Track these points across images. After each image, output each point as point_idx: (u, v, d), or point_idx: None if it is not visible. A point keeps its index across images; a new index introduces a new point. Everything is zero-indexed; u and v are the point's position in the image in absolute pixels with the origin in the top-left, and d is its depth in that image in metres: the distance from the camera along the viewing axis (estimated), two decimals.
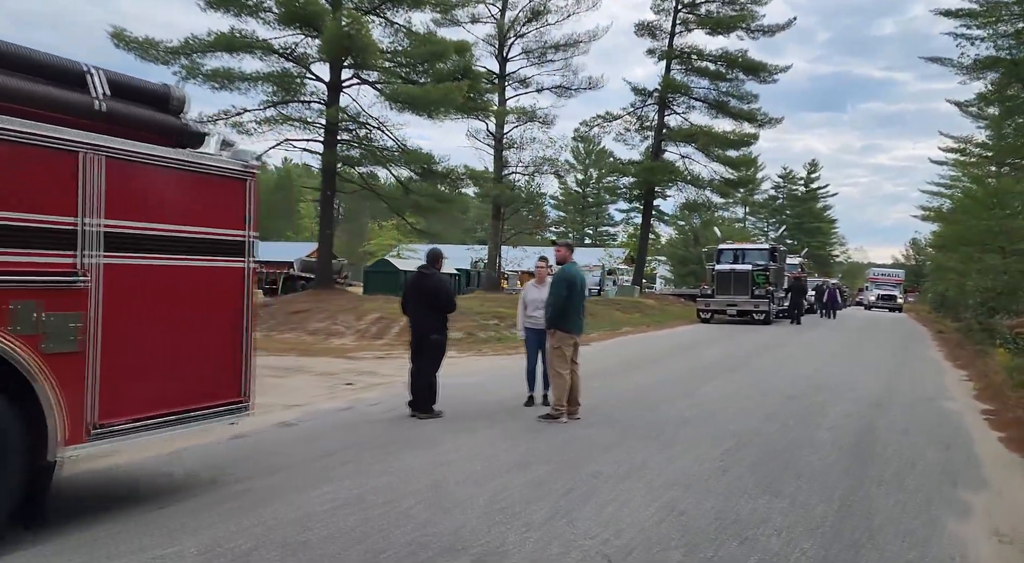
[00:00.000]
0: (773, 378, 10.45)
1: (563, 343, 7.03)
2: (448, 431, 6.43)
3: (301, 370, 10.68)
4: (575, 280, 7.00)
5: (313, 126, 21.85)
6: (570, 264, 7.21)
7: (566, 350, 7.03)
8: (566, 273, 7.04)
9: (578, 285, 7.03)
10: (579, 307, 7.08)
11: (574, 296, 6.98)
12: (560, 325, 6.99)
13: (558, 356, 7.01)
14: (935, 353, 16.02)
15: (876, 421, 7.52)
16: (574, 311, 7.01)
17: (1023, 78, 22.59)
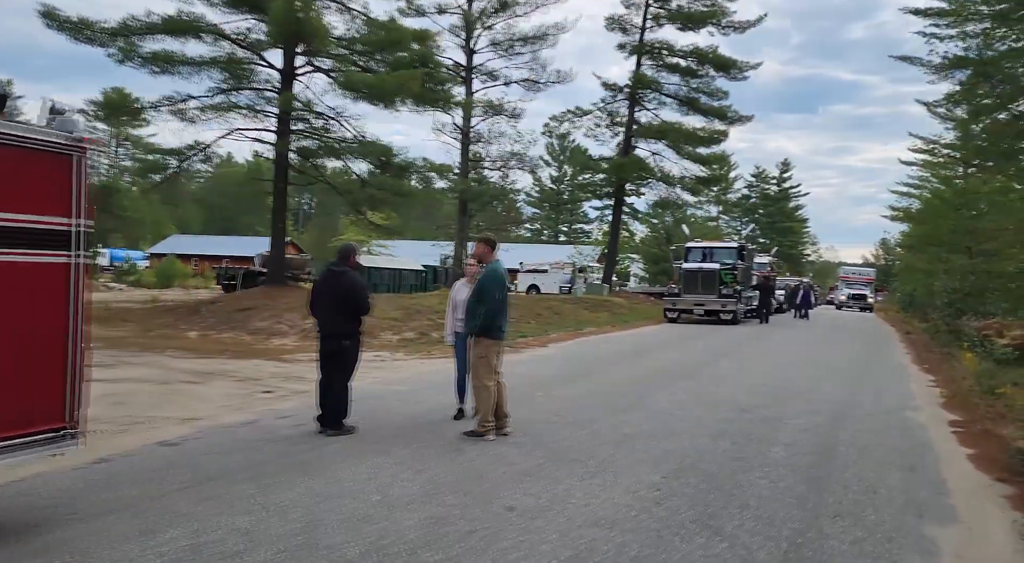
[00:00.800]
0: (731, 386, 9.81)
1: (490, 352, 6.26)
2: (355, 452, 5.63)
3: (223, 375, 9.79)
4: (505, 281, 6.24)
5: (264, 115, 20.82)
6: (496, 261, 6.44)
7: (492, 359, 6.27)
8: (494, 273, 6.27)
9: (504, 285, 6.30)
10: (505, 310, 6.34)
11: (503, 300, 6.21)
12: (488, 332, 6.22)
13: (484, 367, 6.24)
14: (902, 356, 15.58)
15: (836, 436, 6.88)
16: (501, 316, 6.24)
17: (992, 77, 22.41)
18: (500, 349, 6.39)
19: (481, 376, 6.23)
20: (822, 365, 12.93)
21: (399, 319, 16.93)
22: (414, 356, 12.73)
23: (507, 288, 6.33)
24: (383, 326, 16.04)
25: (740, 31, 32.69)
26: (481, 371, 6.24)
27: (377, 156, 20.73)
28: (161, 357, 11.60)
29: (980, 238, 26.68)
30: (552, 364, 11.76)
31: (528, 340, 15.69)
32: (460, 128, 32.53)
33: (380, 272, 33.14)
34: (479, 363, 6.27)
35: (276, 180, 21.67)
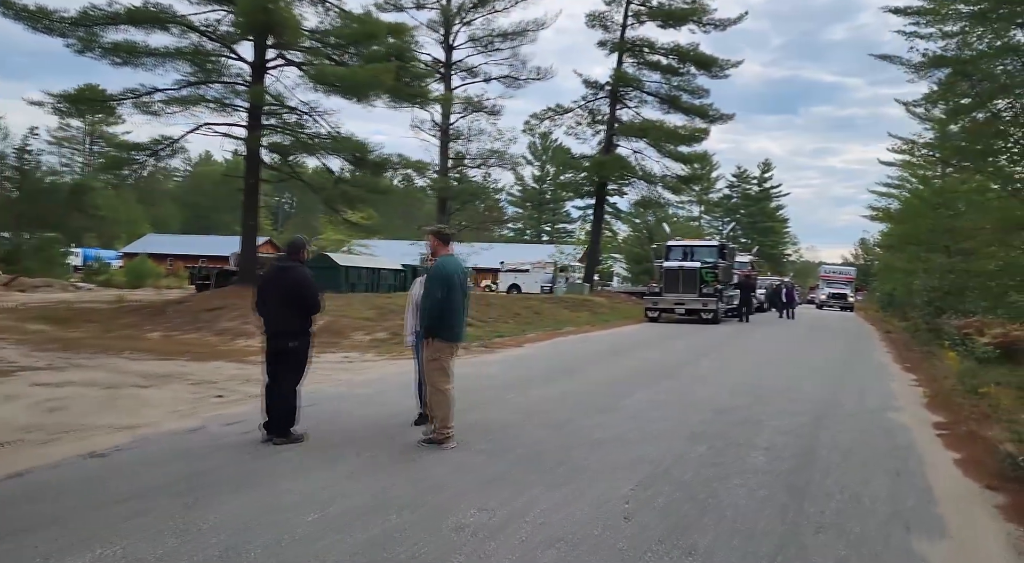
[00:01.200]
0: (710, 386, 9.48)
1: (442, 353, 5.86)
2: (300, 462, 5.20)
3: (178, 377, 9.28)
4: (452, 276, 5.82)
5: (234, 109, 20.23)
6: (447, 256, 6.03)
7: (446, 362, 5.86)
8: (440, 269, 5.86)
9: (456, 282, 5.84)
10: (459, 309, 5.90)
11: (453, 296, 5.80)
12: (438, 332, 5.81)
13: (437, 369, 5.84)
14: (883, 355, 15.38)
15: (817, 439, 6.55)
16: (452, 314, 5.83)
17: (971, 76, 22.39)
18: (454, 351, 5.96)
19: (435, 380, 5.82)
20: (802, 364, 12.66)
21: (372, 319, 16.46)
22: (384, 357, 12.27)
23: (460, 285, 5.88)
24: (355, 326, 15.58)
25: (721, 29, 32.55)
26: (435, 374, 5.83)
27: (351, 152, 20.22)
28: (117, 359, 11.05)
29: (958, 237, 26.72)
30: (527, 364, 11.38)
31: (504, 340, 15.29)
32: (439, 125, 32.10)
33: (358, 271, 32.50)
34: (431, 366, 5.87)
35: (247, 176, 21.10)
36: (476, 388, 8.71)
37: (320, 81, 18.32)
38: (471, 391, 8.40)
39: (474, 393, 8.30)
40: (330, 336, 14.61)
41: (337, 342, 13.95)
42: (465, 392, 8.32)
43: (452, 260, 5.98)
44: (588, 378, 9.85)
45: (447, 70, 32.36)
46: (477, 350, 13.50)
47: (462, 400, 7.68)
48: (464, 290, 5.94)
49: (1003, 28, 21.52)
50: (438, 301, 5.70)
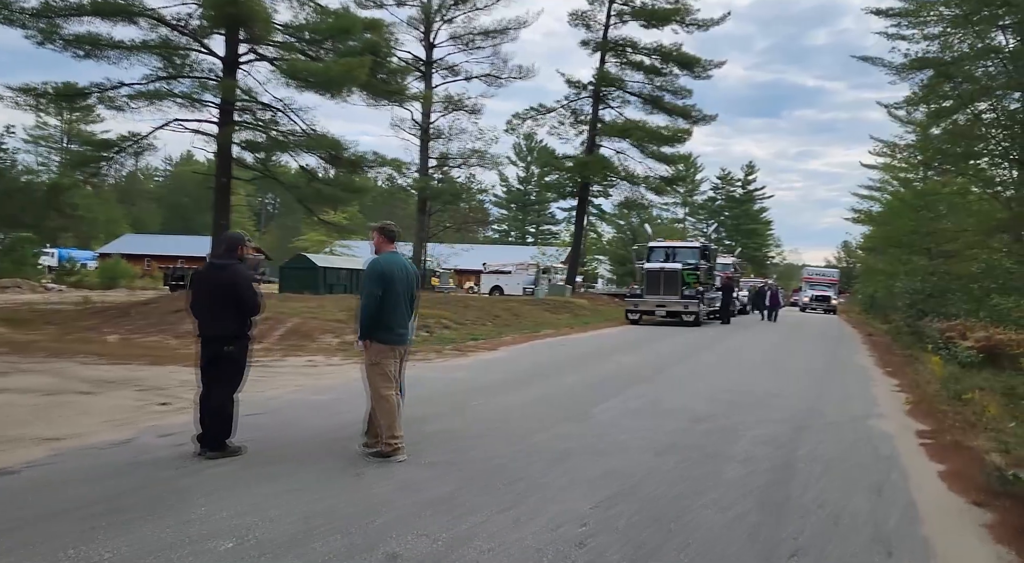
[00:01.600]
0: (687, 392, 9.10)
1: (382, 357, 5.41)
2: (231, 480, 4.73)
3: (127, 383, 8.76)
4: (391, 274, 5.37)
5: (203, 105, 19.64)
6: (390, 253, 5.58)
7: (387, 366, 5.41)
8: (377, 265, 5.42)
9: (398, 281, 5.38)
10: (401, 310, 5.43)
11: (392, 295, 5.34)
12: (375, 334, 5.37)
13: (378, 375, 5.39)
14: (865, 358, 15.11)
15: (796, 450, 6.18)
16: (392, 315, 5.38)
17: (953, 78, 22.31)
18: (397, 355, 5.51)
19: (376, 385, 5.38)
20: (783, 368, 12.34)
21: (343, 321, 15.93)
22: (350, 361, 11.76)
23: (403, 284, 5.40)
24: (325, 328, 15.08)
25: (704, 29, 32.39)
26: (375, 379, 5.39)
27: (326, 150, 19.70)
28: (67, 363, 10.49)
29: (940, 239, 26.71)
30: (499, 369, 10.95)
31: (479, 343, 14.86)
32: (419, 124, 31.65)
33: (336, 272, 31.95)
34: (371, 371, 5.43)
35: (219, 174, 20.52)
36: (441, 394, 8.29)
37: (292, 76, 17.80)
38: (435, 397, 7.98)
39: (438, 400, 7.87)
40: (298, 339, 14.13)
41: (304, 345, 13.47)
42: (429, 399, 7.92)
43: (394, 257, 5.53)
44: (560, 384, 9.43)
45: (428, 68, 31.92)
46: (449, 353, 13.07)
47: (424, 408, 7.28)
48: (409, 290, 5.49)
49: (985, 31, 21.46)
50: (376, 299, 5.26)
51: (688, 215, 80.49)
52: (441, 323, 18.68)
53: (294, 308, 16.72)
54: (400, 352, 5.52)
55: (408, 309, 5.49)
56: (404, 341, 5.52)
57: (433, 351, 13.28)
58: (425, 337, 16.09)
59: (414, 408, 7.18)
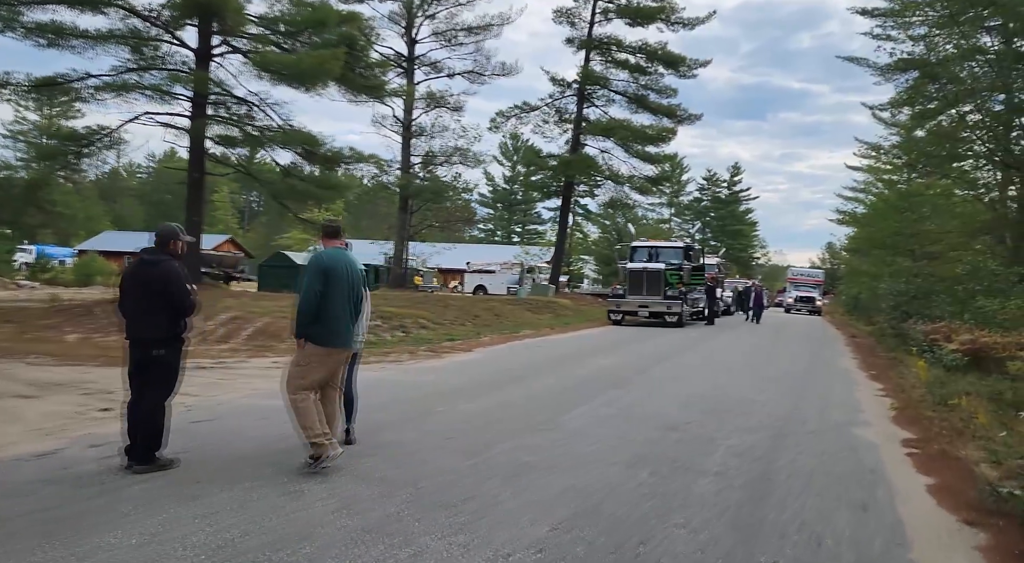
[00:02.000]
0: (663, 397, 8.72)
1: (312, 360, 4.95)
2: (154, 498, 4.27)
3: (72, 386, 8.24)
4: (333, 270, 4.92)
5: (176, 98, 19.06)
6: (333, 249, 5.13)
7: (314, 371, 4.94)
8: (318, 260, 5.00)
9: (340, 278, 4.94)
10: (343, 310, 4.99)
11: (333, 293, 4.90)
12: (311, 334, 4.92)
13: (296, 378, 4.94)
14: (848, 361, 14.83)
15: (775, 461, 5.80)
16: (332, 314, 4.93)
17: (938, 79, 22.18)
18: (335, 360, 5.05)
19: (292, 387, 4.93)
20: (765, 371, 12.00)
21: None
22: None
23: (346, 282, 4.97)
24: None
25: (689, 28, 32.13)
26: (292, 382, 4.94)
27: (301, 145, 19.19)
28: (14, 365, 9.93)
29: (923, 241, 26.60)
30: (471, 371, 10.52)
31: (455, 344, 14.43)
32: (401, 121, 31.14)
33: None
34: (293, 372, 4.98)
35: (191, 169, 19.99)
36: (406, 399, 7.85)
37: (264, 68, 17.28)
38: (399, 403, 7.55)
39: (401, 405, 7.44)
40: (266, 339, 13.63)
41: (272, 346, 12.97)
42: (392, 404, 7.48)
43: (338, 253, 5.09)
44: (531, 388, 9.02)
45: (410, 65, 31.44)
46: (423, 355, 12.63)
47: (384, 415, 6.85)
48: (353, 289, 5.05)
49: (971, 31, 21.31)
50: (315, 295, 4.83)
51: (674, 215, 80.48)
52: (419, 323, 18.22)
53: (265, 307, 16.20)
54: (340, 356, 5.06)
55: (353, 310, 5.05)
56: (346, 344, 5.07)
57: (407, 352, 12.84)
58: (401, 337, 15.63)
59: (374, 415, 6.76)
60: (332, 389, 5.09)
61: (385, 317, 17.53)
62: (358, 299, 5.09)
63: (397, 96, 26.33)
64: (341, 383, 5.23)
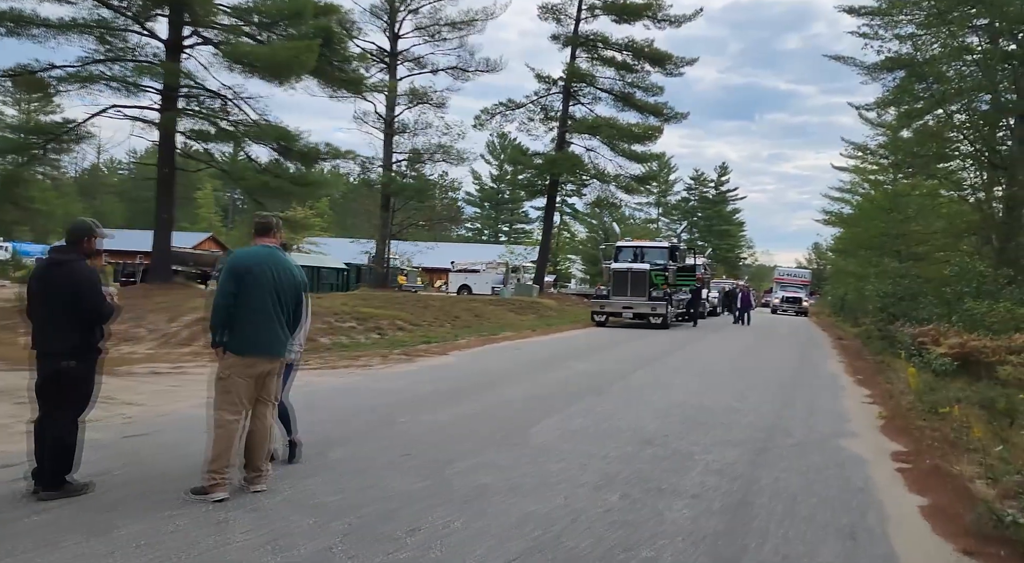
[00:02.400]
0: (640, 406, 8.27)
1: (232, 372, 4.43)
2: (54, 531, 3.75)
3: (10, 394, 7.65)
4: (254, 270, 4.40)
5: (145, 90, 18.42)
6: (260, 247, 4.62)
7: (236, 384, 4.41)
8: (236, 259, 4.51)
9: (261, 279, 4.40)
10: (265, 315, 4.43)
11: (253, 296, 4.38)
12: (228, 342, 4.42)
13: (221, 392, 4.43)
14: (835, 364, 14.48)
15: (756, 481, 5.36)
16: (250, 320, 4.40)
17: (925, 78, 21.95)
18: (259, 370, 4.47)
19: (218, 405, 4.43)
20: (748, 377, 11.60)
21: None
22: None
23: (270, 283, 4.43)
24: None
25: (676, 25, 31.80)
26: (219, 398, 4.44)
27: (275, 140, 18.59)
28: None
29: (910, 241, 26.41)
30: (442, 377, 10.03)
31: (430, 347, 13.93)
32: (383, 117, 30.58)
33: None
34: (217, 387, 4.48)
35: (160, 164, 19.34)
36: (367, 409, 7.36)
37: (235, 59, 16.69)
38: (358, 414, 7.06)
39: (360, 416, 6.95)
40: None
41: None
42: (350, 415, 6.98)
43: (265, 252, 4.57)
44: (503, 396, 8.54)
45: (392, 60, 30.89)
46: (395, 358, 12.12)
47: (339, 428, 6.35)
48: (283, 293, 4.51)
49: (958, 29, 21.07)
50: (228, 297, 4.33)
51: (662, 215, 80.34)
52: (396, 324, 17.71)
53: None
54: (265, 367, 4.50)
55: (280, 315, 4.50)
56: (270, 352, 4.50)
57: (379, 356, 12.34)
58: (376, 340, 15.12)
59: (327, 428, 6.28)
60: (263, 404, 4.58)
61: (361, 318, 17.01)
62: (293, 304, 4.59)
63: (378, 91, 25.78)
64: (276, 397, 4.71)
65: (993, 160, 21.06)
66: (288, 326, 4.56)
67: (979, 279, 15.11)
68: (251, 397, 4.46)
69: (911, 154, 25.34)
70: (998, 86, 20.57)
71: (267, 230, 4.63)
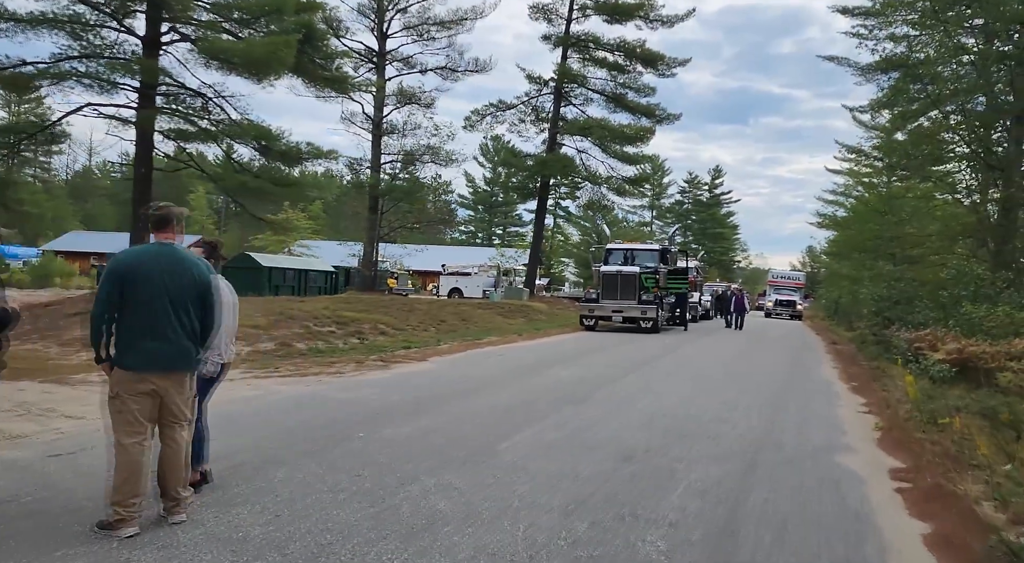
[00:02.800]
0: (623, 416, 7.76)
1: (123, 389, 3.85)
2: None
3: None
4: (140, 271, 3.84)
5: (120, 88, 17.87)
6: (152, 244, 4.06)
7: (127, 402, 3.84)
8: (117, 259, 3.94)
9: (151, 280, 3.82)
10: (158, 322, 3.85)
11: (140, 301, 3.80)
12: (115, 355, 3.87)
13: (115, 412, 3.87)
14: (829, 370, 14.01)
15: (743, 502, 4.86)
16: (138, 329, 3.83)
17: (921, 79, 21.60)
18: (153, 386, 3.87)
19: (113, 427, 3.89)
20: (739, 383, 11.11)
21: (262, 327, 14.36)
22: (251, 375, 10.24)
23: (158, 284, 3.84)
24: (238, 335, 13.41)
25: (668, 25, 31.43)
26: (113, 420, 3.90)
27: (254, 139, 18.06)
28: None
29: (904, 244, 26.05)
30: (416, 385, 9.51)
31: (409, 352, 13.42)
32: (371, 118, 30.09)
33: (283, 272, 30.18)
34: (109, 406, 3.92)
35: (138, 164, 18.79)
36: (324, 423, 6.83)
37: (212, 55, 16.15)
38: (313, 428, 6.53)
39: (313, 431, 6.42)
40: None
41: None
42: (302, 430, 6.42)
43: (151, 250, 3.99)
44: (476, 406, 8.03)
45: (380, 60, 30.40)
46: (371, 364, 11.60)
47: (286, 445, 5.79)
48: (181, 294, 3.92)
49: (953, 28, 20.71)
50: (105, 305, 3.81)
51: (656, 218, 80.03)
52: (378, 328, 17.20)
53: None
54: (161, 383, 3.90)
55: (178, 322, 3.91)
56: (164, 366, 3.89)
57: (354, 362, 11.81)
58: (354, 345, 14.60)
59: (273, 444, 5.77)
60: (170, 426, 4.03)
61: (341, 323, 16.49)
62: (197, 308, 4.00)
63: (365, 90, 25.26)
64: (188, 417, 4.15)
65: (989, 161, 20.68)
66: (194, 334, 4.02)
67: (977, 282, 14.68)
68: (151, 417, 3.92)
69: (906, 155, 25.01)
70: (994, 87, 20.22)
71: (164, 223, 4.03)
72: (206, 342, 4.13)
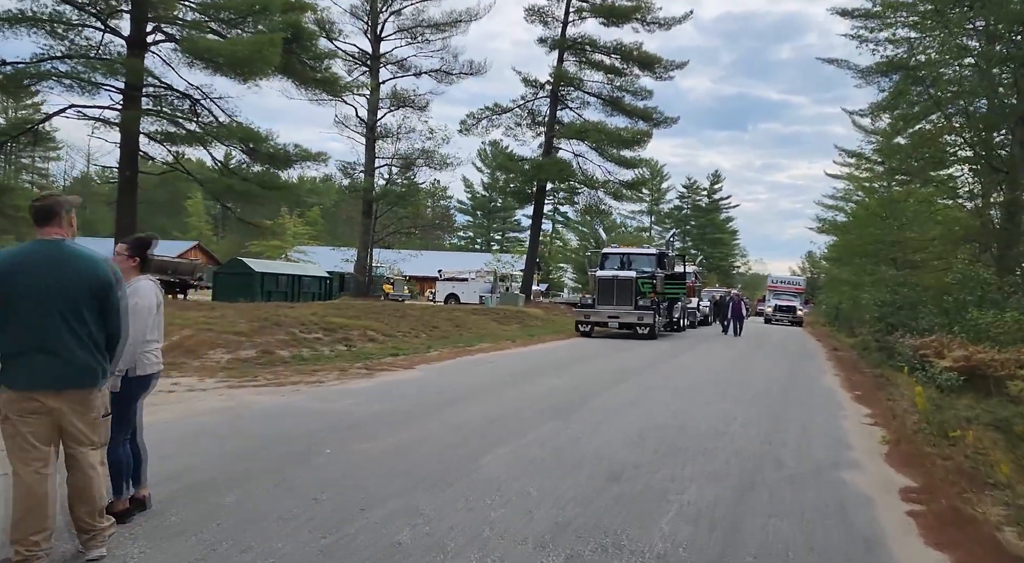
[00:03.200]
0: (612, 429, 7.30)
1: (11, 411, 3.31)
2: None
3: None
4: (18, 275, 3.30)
5: (104, 89, 17.48)
6: (33, 242, 3.46)
7: (16, 425, 3.31)
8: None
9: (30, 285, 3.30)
10: (41, 332, 3.31)
11: (20, 309, 3.27)
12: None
13: (8, 437, 3.34)
14: (830, 379, 13.53)
15: (739, 529, 4.40)
16: (17, 341, 3.30)
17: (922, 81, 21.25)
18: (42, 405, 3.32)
19: (8, 456, 3.36)
20: (737, 392, 10.64)
21: (245, 333, 13.89)
22: (226, 384, 9.77)
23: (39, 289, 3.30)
24: (218, 342, 13.03)
25: (665, 28, 31.08)
26: (6, 445, 3.36)
27: (241, 141, 17.65)
28: None
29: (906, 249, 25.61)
30: (397, 395, 9.05)
31: (397, 359, 12.96)
32: (365, 121, 29.70)
33: (275, 278, 29.73)
34: (2, 431, 3.39)
35: (122, 167, 18.39)
36: (292, 436, 6.36)
37: (195, 55, 15.75)
38: (277, 442, 6.06)
39: (277, 447, 5.95)
40: (181, 355, 12.03)
41: (184, 363, 11.38)
42: (265, 445, 5.93)
43: (31, 248, 3.42)
44: (457, 418, 7.56)
45: (374, 62, 30.05)
46: (355, 372, 11.14)
47: (244, 462, 5.30)
48: (60, 300, 3.33)
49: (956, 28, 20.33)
50: None
51: (655, 223, 79.71)
52: (368, 335, 16.74)
53: (190, 318, 14.63)
54: (52, 402, 3.35)
55: (69, 331, 3.35)
56: (53, 384, 3.34)
57: (337, 370, 11.35)
58: (341, 352, 14.13)
59: (228, 462, 5.30)
60: (72, 450, 3.46)
61: (329, 329, 16.03)
62: (94, 313, 3.43)
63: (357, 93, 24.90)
64: (94, 440, 3.55)
65: (992, 163, 20.29)
66: (95, 345, 3.47)
67: (983, 287, 14.24)
68: (48, 440, 3.39)
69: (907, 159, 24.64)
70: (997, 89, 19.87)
71: (49, 217, 3.43)
72: (114, 352, 3.61)
